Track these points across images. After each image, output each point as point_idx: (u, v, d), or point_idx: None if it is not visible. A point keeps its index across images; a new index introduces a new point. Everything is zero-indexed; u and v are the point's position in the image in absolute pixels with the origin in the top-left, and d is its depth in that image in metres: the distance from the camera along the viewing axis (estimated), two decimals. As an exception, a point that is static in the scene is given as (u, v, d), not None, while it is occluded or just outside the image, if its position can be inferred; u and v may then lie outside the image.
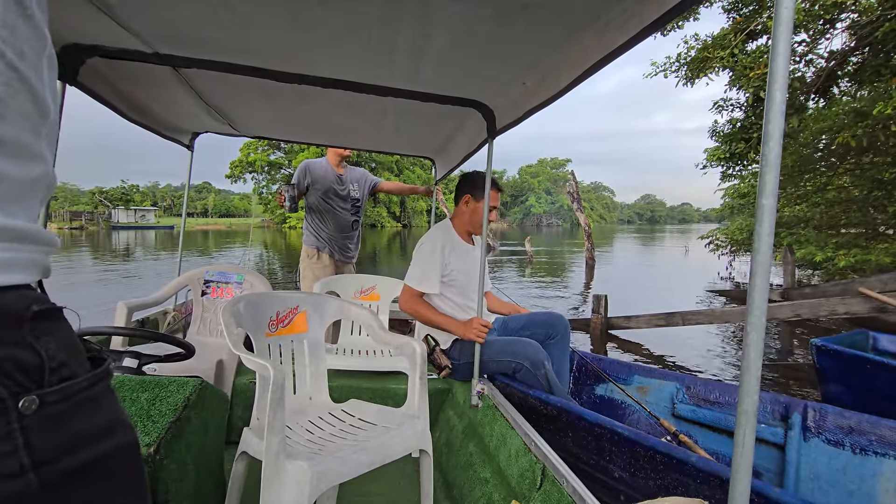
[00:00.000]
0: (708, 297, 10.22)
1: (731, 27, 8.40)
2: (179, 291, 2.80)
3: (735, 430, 0.78)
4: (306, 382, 1.88)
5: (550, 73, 1.48)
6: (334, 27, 1.31)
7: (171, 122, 2.57)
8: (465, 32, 1.29)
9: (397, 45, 1.40)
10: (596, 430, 2.00)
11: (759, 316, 0.73)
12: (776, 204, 0.72)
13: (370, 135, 2.66)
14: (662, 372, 2.60)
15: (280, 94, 1.97)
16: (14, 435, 0.32)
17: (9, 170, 0.35)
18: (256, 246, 25.30)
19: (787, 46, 0.69)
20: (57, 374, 0.37)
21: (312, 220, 3.25)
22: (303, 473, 1.23)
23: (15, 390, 0.33)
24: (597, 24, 1.17)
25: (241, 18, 1.29)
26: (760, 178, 0.72)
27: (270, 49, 1.51)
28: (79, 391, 0.38)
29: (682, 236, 48.58)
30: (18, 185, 0.37)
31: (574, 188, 14.65)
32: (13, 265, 0.36)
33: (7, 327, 0.34)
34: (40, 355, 0.36)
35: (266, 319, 1.81)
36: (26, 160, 0.37)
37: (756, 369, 0.74)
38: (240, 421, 2.21)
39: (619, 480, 1.97)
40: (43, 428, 0.34)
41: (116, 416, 0.42)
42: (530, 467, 1.50)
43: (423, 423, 1.64)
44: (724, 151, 9.46)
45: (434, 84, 1.73)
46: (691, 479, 1.67)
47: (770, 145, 0.70)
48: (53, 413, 0.35)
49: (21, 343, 0.35)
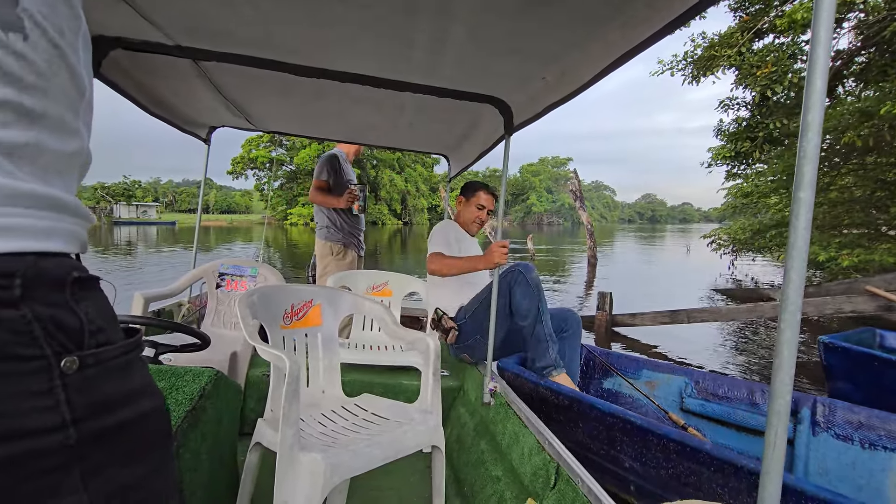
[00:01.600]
0: (710, 295, 10.24)
1: (737, 25, 8.39)
2: (194, 284, 2.82)
3: (766, 430, 0.76)
4: (319, 375, 1.90)
5: (571, 68, 1.46)
6: (353, 21, 1.32)
7: (190, 116, 2.59)
8: (485, 26, 1.28)
9: (416, 39, 1.40)
10: (608, 419, 2.01)
11: (794, 312, 0.71)
12: (813, 198, 0.70)
13: (385, 131, 2.66)
14: (670, 366, 2.62)
15: (298, 88, 1.98)
16: (56, 391, 0.34)
17: (50, 143, 0.36)
18: (257, 242, 25.29)
19: (828, 33, 0.67)
20: (95, 338, 0.38)
21: (336, 215, 3.14)
22: (317, 465, 1.24)
23: (57, 349, 0.35)
24: (621, 18, 1.15)
25: (261, 12, 1.31)
26: (798, 170, 0.71)
27: (290, 43, 1.52)
28: (114, 357, 0.40)
29: (682, 235, 48.54)
30: (58, 157, 0.38)
31: (577, 187, 14.66)
32: (54, 233, 0.37)
33: (51, 290, 0.36)
34: (80, 319, 0.37)
35: (281, 312, 1.83)
36: (66, 135, 0.38)
37: (790, 367, 0.72)
38: (252, 413, 2.24)
39: (629, 470, 1.98)
40: (81, 387, 0.36)
41: (147, 383, 0.44)
42: (544, 466, 1.50)
43: (436, 419, 1.65)
44: (729, 150, 9.45)
45: (452, 79, 1.73)
46: (704, 467, 1.68)
47: (808, 136, 0.68)
48: (91, 375, 0.37)
49: (63, 305, 0.37)
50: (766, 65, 7.51)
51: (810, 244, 3.74)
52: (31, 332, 0.33)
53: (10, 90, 0.32)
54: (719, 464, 1.62)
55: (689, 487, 1.75)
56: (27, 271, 0.34)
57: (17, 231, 0.34)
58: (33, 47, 0.33)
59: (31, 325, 0.33)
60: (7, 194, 0.33)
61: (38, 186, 0.36)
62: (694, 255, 22.19)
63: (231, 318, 2.70)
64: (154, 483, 0.43)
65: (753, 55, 8.00)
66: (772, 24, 8.04)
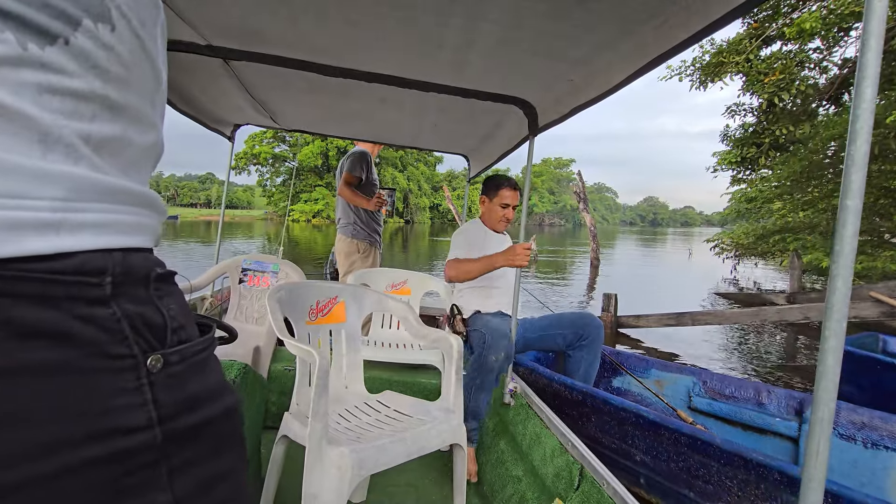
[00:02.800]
0: (713, 299, 10.31)
1: (745, 32, 8.44)
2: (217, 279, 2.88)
3: (808, 439, 0.75)
4: (343, 371, 1.92)
5: (601, 70, 1.44)
6: (385, 21, 1.32)
7: (216, 114, 2.63)
8: (514, 27, 1.27)
9: (445, 39, 1.40)
10: (620, 414, 2.05)
11: (840, 321, 0.70)
12: (861, 206, 0.69)
13: (408, 131, 2.67)
14: (679, 366, 2.68)
15: (324, 88, 2.01)
16: (144, 389, 0.34)
17: (132, 135, 0.36)
18: (260, 238, 25.33)
19: (878, 41, 0.67)
20: (177, 335, 0.38)
21: (363, 213, 3.08)
22: (344, 459, 1.26)
23: (144, 347, 0.35)
24: (656, 21, 1.13)
25: (292, 12, 1.32)
26: (845, 178, 0.69)
27: (319, 43, 1.54)
28: (194, 353, 0.40)
29: (684, 239, 48.45)
30: (139, 150, 0.38)
31: (581, 188, 14.70)
32: (139, 228, 0.37)
33: (137, 286, 0.36)
34: (164, 315, 0.37)
35: (307, 308, 1.85)
36: (145, 127, 0.38)
37: (834, 375, 0.71)
38: (274, 406, 2.27)
39: (640, 464, 2.03)
40: (166, 385, 0.36)
41: (222, 382, 0.44)
42: (567, 467, 1.50)
43: (458, 418, 1.66)
44: (735, 155, 9.50)
45: (477, 80, 1.73)
46: (714, 460, 1.73)
47: (857, 144, 0.68)
48: (174, 372, 0.37)
49: (148, 302, 0.37)
50: (775, 72, 7.55)
51: (814, 250, 3.80)
52: (121, 330, 0.33)
53: (98, 82, 0.32)
54: (728, 457, 1.67)
55: (698, 480, 1.80)
56: (116, 268, 0.34)
57: (108, 227, 0.34)
58: (119, 38, 0.33)
59: (120, 324, 0.33)
60: (98, 190, 0.33)
61: (125, 181, 0.36)
62: (696, 258, 22.22)
63: (253, 312, 2.74)
64: (235, 477, 0.43)
65: (761, 62, 8.04)
66: (780, 31, 8.08)
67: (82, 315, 0.31)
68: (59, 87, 0.29)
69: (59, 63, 0.29)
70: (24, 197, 0.28)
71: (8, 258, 0.28)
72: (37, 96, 0.28)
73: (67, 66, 0.30)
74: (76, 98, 0.31)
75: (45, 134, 0.29)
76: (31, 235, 0.29)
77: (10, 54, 0.27)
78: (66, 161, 0.30)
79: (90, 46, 0.31)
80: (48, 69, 0.29)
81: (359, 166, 2.99)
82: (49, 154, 0.29)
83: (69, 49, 0.29)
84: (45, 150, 0.29)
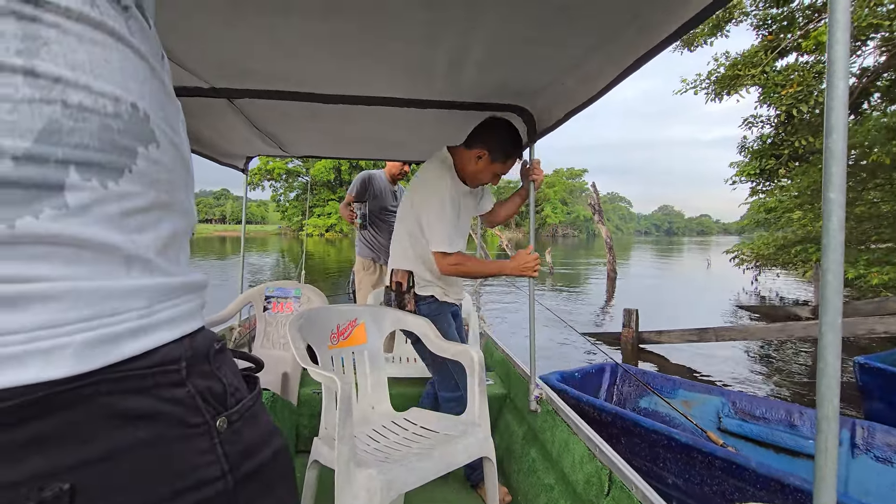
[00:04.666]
0: (734, 312, 10.12)
1: (760, 45, 8.40)
2: (242, 308, 2.95)
3: (816, 455, 0.75)
4: (368, 392, 1.95)
5: (591, 73, 1.48)
6: (374, 52, 1.39)
7: (227, 149, 2.75)
8: (503, 41, 1.32)
9: (436, 60, 1.45)
10: (651, 436, 2.04)
11: (835, 316, 0.72)
12: (843, 198, 0.70)
13: (412, 146, 2.74)
14: (707, 387, 2.65)
15: (326, 115, 2.07)
16: (216, 448, 0.41)
17: (179, 227, 0.43)
18: (274, 252, 25.61)
19: (845, 34, 0.68)
20: (234, 396, 0.45)
21: (367, 232, 3.31)
22: (372, 481, 1.28)
23: (213, 413, 0.41)
24: (638, 21, 1.17)
25: (286, 50, 1.40)
26: (825, 170, 0.71)
27: (315, 75, 1.61)
28: (248, 408, 0.47)
29: (701, 248, 47.91)
30: (183, 237, 0.45)
31: (596, 200, 14.65)
32: (197, 312, 0.44)
33: (202, 363, 0.43)
34: (224, 384, 0.44)
35: (328, 332, 1.89)
36: (185, 215, 0.45)
37: (835, 371, 0.72)
38: (305, 430, 2.30)
39: (671, 486, 2.02)
40: (231, 440, 0.42)
41: (271, 427, 0.51)
42: (596, 473, 1.51)
43: (485, 431, 1.67)
44: (754, 167, 9.39)
45: (473, 92, 1.77)
46: (749, 484, 1.71)
47: (833, 137, 0.70)
48: (236, 428, 0.44)
49: (212, 375, 0.43)
50: (792, 84, 7.49)
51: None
52: (196, 404, 0.40)
53: (154, 192, 0.38)
54: (765, 481, 1.65)
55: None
56: (187, 353, 0.40)
57: (177, 319, 0.40)
58: (163, 151, 0.40)
59: (195, 399, 0.40)
60: (167, 291, 0.40)
61: (182, 277, 0.42)
62: (714, 269, 21.88)
63: (279, 338, 2.79)
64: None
65: (777, 74, 7.98)
66: (796, 43, 8.03)
67: (167, 397, 0.38)
68: (132, 209, 0.36)
69: (128, 190, 0.36)
70: (118, 313, 0.35)
71: (113, 364, 0.35)
72: (119, 223, 0.35)
73: (134, 190, 0.36)
74: (144, 212, 0.38)
75: (128, 256, 0.36)
76: (126, 342, 0.36)
77: (97, 197, 0.34)
78: (144, 274, 0.38)
79: (146, 167, 0.37)
80: (122, 198, 0.35)
81: (355, 187, 3.27)
82: (132, 271, 0.37)
83: (132, 176, 0.36)
84: (129, 269, 0.37)
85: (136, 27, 0.38)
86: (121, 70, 0.35)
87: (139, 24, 0.38)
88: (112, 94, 0.34)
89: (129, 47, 0.36)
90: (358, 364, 1.95)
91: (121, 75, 0.35)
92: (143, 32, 0.39)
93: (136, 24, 0.38)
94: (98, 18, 0.33)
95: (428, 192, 1.87)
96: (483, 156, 1.85)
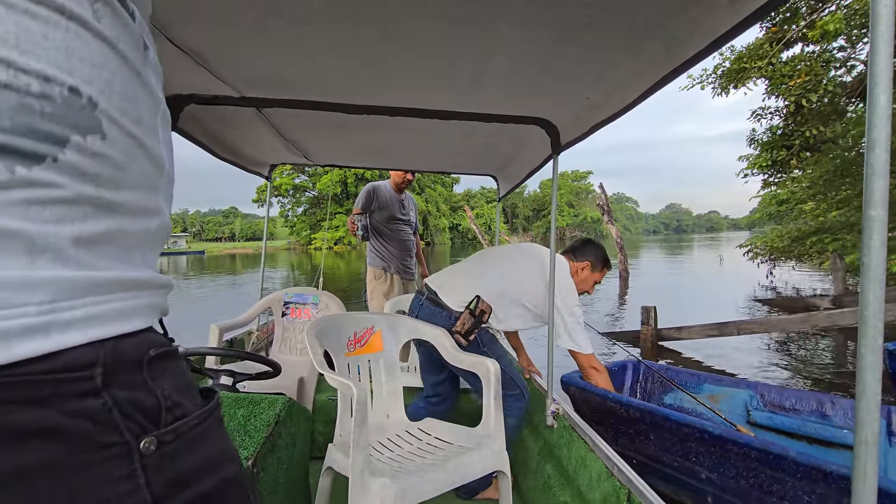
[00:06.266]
0: (752, 306, 9.97)
1: (765, 37, 8.36)
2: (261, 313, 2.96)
3: (854, 458, 0.72)
4: (383, 400, 1.94)
5: (617, 87, 1.48)
6: (398, 60, 1.39)
7: (254, 157, 2.77)
8: (526, 56, 1.32)
9: (459, 71, 1.46)
10: (683, 430, 2.00)
11: (876, 337, 0.68)
12: (886, 215, 0.68)
13: (434, 157, 2.75)
14: (733, 380, 2.59)
15: (351, 124, 2.10)
16: (137, 474, 0.35)
17: (129, 226, 0.38)
18: (283, 267, 25.78)
19: (888, 48, 0.66)
20: (171, 413, 0.39)
21: (377, 242, 3.36)
22: (386, 490, 1.27)
23: (137, 432, 0.35)
24: (664, 37, 1.16)
25: (314, 61, 1.42)
26: (867, 187, 0.69)
27: (342, 85, 1.63)
28: (191, 428, 0.40)
29: (711, 244, 47.33)
30: (137, 237, 0.40)
31: (604, 201, 14.60)
32: (132, 313, 0.38)
33: (129, 372, 0.37)
34: (157, 397, 0.38)
35: (345, 339, 1.89)
36: (145, 216, 0.40)
37: (875, 395, 0.69)
38: (321, 436, 2.29)
39: (705, 482, 1.97)
40: (160, 466, 0.36)
41: (222, 450, 0.44)
42: (614, 492, 1.46)
43: (500, 444, 1.65)
44: (765, 159, 9.32)
45: (496, 104, 1.77)
46: (789, 475, 1.66)
47: (876, 152, 0.68)
48: (169, 451, 0.37)
49: (141, 386, 0.37)
50: (800, 74, 7.43)
51: (854, 250, 3.69)
52: (112, 419, 0.34)
53: (89, 187, 0.34)
54: (806, 470, 1.60)
55: (772, 497, 1.73)
56: (107, 358, 0.35)
57: (97, 319, 0.35)
58: (110, 143, 0.35)
59: (111, 413, 0.34)
60: (86, 286, 0.34)
61: (116, 272, 0.37)
62: (727, 264, 21.63)
63: (297, 344, 2.81)
64: None
65: (784, 65, 7.93)
66: (800, 33, 7.99)
67: (71, 410, 0.32)
68: (48, 199, 0.32)
69: (46, 179, 0.31)
70: (9, 306, 0.30)
71: None
72: (24, 211, 0.31)
73: (56, 180, 0.32)
74: (66, 204, 0.33)
75: (32, 244, 0.31)
76: (18, 341, 0.30)
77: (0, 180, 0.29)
78: (54, 266, 0.32)
79: (78, 159, 0.33)
80: (36, 185, 0.31)
81: (361, 200, 3.30)
82: (36, 261, 0.31)
83: (57, 165, 0.32)
84: (33, 259, 0.31)
85: (107, 12, 0.35)
86: (64, 50, 0.32)
87: (112, 9, 0.35)
88: (41, 72, 0.30)
89: (87, 29, 0.33)
90: (374, 372, 1.95)
91: (62, 55, 0.31)
92: (115, 18, 0.36)
93: (106, 8, 0.35)
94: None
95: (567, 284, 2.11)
96: (586, 266, 2.21)
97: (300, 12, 1.13)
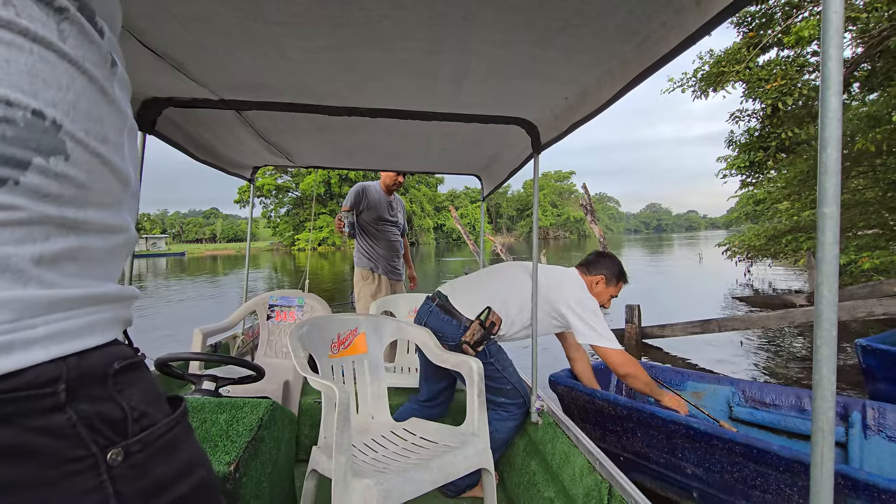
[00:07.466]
0: (731, 304, 10.20)
1: (743, 42, 8.57)
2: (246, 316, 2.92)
3: (812, 452, 0.74)
4: (368, 402, 1.94)
5: (592, 88, 1.50)
6: (378, 62, 1.39)
7: (235, 160, 2.73)
8: (504, 57, 1.33)
9: (440, 73, 1.47)
10: (669, 426, 2.03)
11: (830, 329, 0.70)
12: (838, 212, 0.70)
13: (417, 157, 2.76)
14: (715, 377, 2.65)
15: (332, 126, 2.09)
16: (105, 486, 0.35)
17: (92, 243, 0.38)
18: (266, 268, 25.45)
19: (838, 52, 0.68)
20: (139, 423, 0.39)
21: (365, 242, 3.35)
22: (369, 491, 1.28)
23: (103, 444, 0.36)
24: (636, 39, 1.18)
25: (294, 63, 1.41)
26: (820, 185, 0.71)
27: (322, 87, 1.62)
28: (159, 437, 0.41)
29: (690, 243, 48.11)
30: (100, 252, 0.40)
31: (587, 201, 14.75)
32: (95, 327, 0.38)
33: (94, 385, 0.37)
34: (123, 408, 0.38)
35: (328, 342, 1.89)
36: (108, 232, 0.40)
37: (830, 384, 0.71)
38: (306, 439, 2.28)
39: (691, 477, 2.01)
40: (128, 477, 0.36)
41: (193, 456, 0.45)
42: (596, 487, 1.49)
43: (484, 442, 1.66)
44: (743, 160, 9.55)
45: (477, 105, 1.78)
46: (771, 468, 1.70)
47: (828, 151, 0.70)
48: (137, 461, 0.38)
49: (106, 399, 0.37)
50: (776, 78, 7.64)
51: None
52: (77, 433, 0.34)
53: (51, 207, 0.34)
54: (787, 463, 1.64)
55: (755, 490, 1.77)
56: (70, 374, 0.35)
57: (60, 336, 0.35)
58: (74, 163, 0.35)
59: (76, 427, 0.34)
60: (47, 304, 0.34)
61: (79, 288, 0.37)
62: (707, 262, 22.05)
63: (282, 347, 2.77)
64: None
65: (761, 69, 8.14)
66: (776, 38, 8.20)
67: (35, 427, 0.32)
68: (8, 221, 0.32)
69: (6, 202, 0.31)
70: None
71: None
72: None
73: (16, 203, 0.32)
74: (27, 226, 0.33)
75: None
76: None
77: None
78: (15, 286, 0.32)
79: (40, 181, 0.33)
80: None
81: (349, 199, 3.29)
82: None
83: (18, 188, 0.32)
84: None
85: (73, 31, 0.35)
86: (28, 73, 0.32)
87: (79, 28, 0.35)
88: (3, 97, 0.30)
89: (53, 51, 0.33)
90: (358, 373, 1.95)
91: (26, 79, 0.31)
92: (82, 37, 0.35)
93: (72, 28, 0.34)
94: (6, 17, 0.30)
95: (584, 295, 2.10)
96: (601, 280, 2.21)
97: (278, 16, 1.12)
